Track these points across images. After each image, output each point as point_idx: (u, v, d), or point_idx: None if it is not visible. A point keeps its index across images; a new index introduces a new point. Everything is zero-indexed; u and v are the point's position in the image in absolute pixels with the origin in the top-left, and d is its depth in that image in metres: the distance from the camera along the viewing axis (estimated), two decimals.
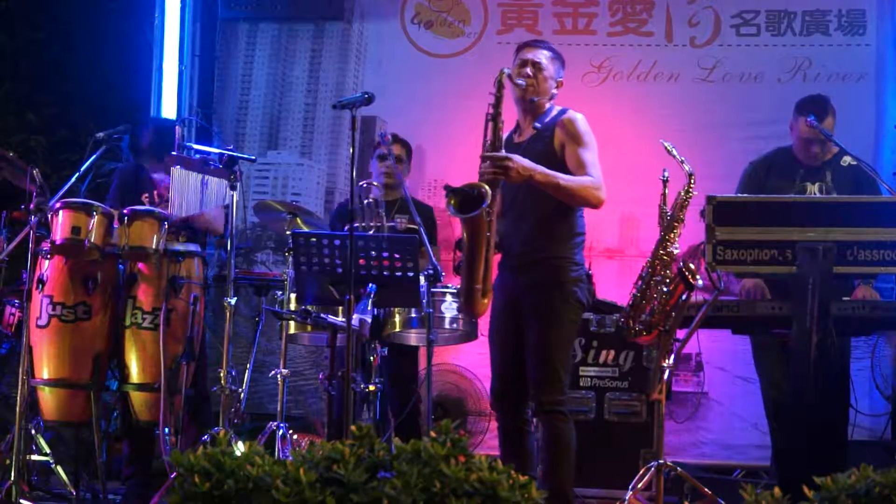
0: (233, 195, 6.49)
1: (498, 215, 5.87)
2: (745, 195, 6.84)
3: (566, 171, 5.77)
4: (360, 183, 6.96)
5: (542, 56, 5.99)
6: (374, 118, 8.89)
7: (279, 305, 6.78)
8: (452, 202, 5.60)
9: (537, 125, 5.94)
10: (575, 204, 5.82)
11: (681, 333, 5.91)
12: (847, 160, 6.93)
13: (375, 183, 7.04)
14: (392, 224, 6.80)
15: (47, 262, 6.58)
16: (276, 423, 6.60)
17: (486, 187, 5.56)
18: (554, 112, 5.97)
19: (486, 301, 5.76)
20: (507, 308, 5.94)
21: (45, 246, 6.54)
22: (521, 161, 5.65)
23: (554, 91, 6.02)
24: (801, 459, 6.00)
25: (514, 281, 5.92)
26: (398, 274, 5.88)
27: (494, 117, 5.72)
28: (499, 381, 5.98)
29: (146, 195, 7.25)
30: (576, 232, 5.89)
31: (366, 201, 6.82)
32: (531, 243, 5.86)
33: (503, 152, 5.67)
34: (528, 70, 5.93)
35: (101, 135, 7.07)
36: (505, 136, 5.91)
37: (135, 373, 6.66)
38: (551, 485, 5.61)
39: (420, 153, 8.48)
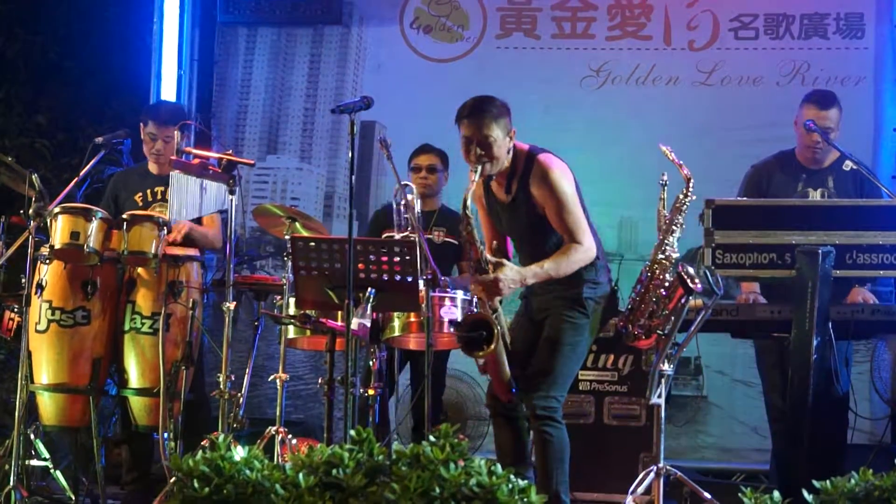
0: (232, 199, 6.48)
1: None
2: (743, 199, 6.84)
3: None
4: (396, 186, 6.98)
5: (485, 127, 5.78)
6: (374, 123, 8.89)
7: (278, 310, 6.77)
8: (462, 347, 5.79)
9: (513, 185, 5.90)
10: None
11: (681, 337, 5.91)
12: (849, 164, 6.92)
13: (411, 184, 6.99)
14: (428, 237, 6.78)
15: (46, 267, 6.58)
16: (275, 428, 6.59)
17: (492, 322, 5.67)
18: (520, 164, 5.88)
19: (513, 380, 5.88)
20: (528, 321, 6.01)
21: (45, 251, 6.54)
22: (510, 276, 5.68)
23: (510, 145, 5.86)
24: (801, 463, 6.00)
25: (537, 297, 5.99)
26: (397, 278, 5.87)
27: (471, 243, 5.75)
28: None
29: (139, 194, 7.26)
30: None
31: (402, 204, 6.81)
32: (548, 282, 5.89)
33: (490, 261, 5.71)
34: (478, 150, 5.78)
35: (100, 139, 7.08)
36: (481, 184, 5.98)
37: (134, 377, 6.67)
38: (547, 491, 5.61)
39: None
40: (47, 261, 6.57)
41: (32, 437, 6.53)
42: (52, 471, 6.56)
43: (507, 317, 6.07)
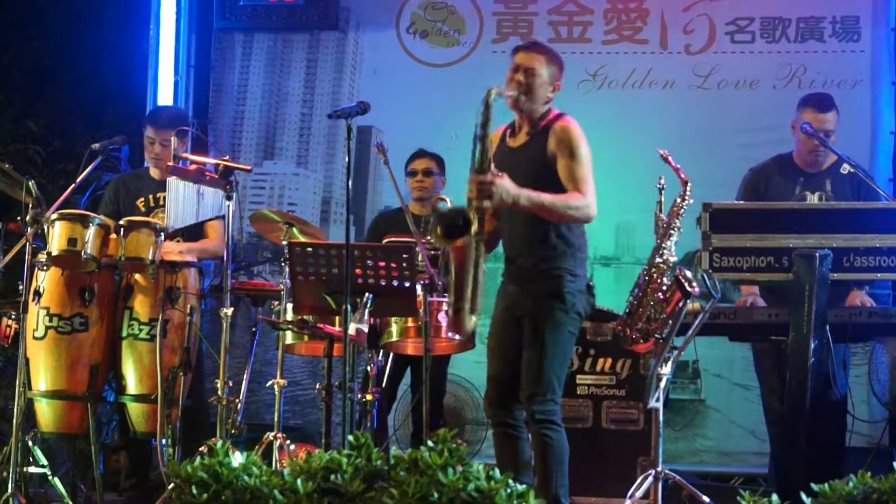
0: (229, 205, 6.49)
1: (499, 220, 5.87)
2: (740, 202, 6.85)
3: (557, 179, 5.70)
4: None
5: (537, 61, 5.81)
6: (370, 128, 8.89)
7: (276, 315, 6.77)
8: (437, 229, 5.49)
9: (531, 131, 5.83)
10: (564, 222, 5.72)
11: (678, 341, 5.91)
12: (846, 168, 6.93)
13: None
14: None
15: (44, 273, 6.58)
16: (273, 434, 6.59)
17: (472, 214, 5.44)
18: (549, 117, 5.83)
19: (474, 319, 5.63)
20: (508, 316, 5.88)
21: (42, 258, 6.54)
22: (506, 186, 5.50)
23: (550, 95, 5.85)
24: (799, 466, 6.00)
25: (515, 290, 5.86)
26: (394, 283, 5.88)
27: (482, 138, 5.54)
28: (494, 386, 5.93)
29: (141, 199, 7.26)
30: (573, 244, 5.78)
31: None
32: (530, 255, 5.79)
33: (492, 171, 5.52)
34: (520, 77, 5.78)
35: (97, 146, 7.08)
36: (501, 133, 5.88)
37: (132, 384, 6.67)
38: (546, 495, 5.59)
39: None
40: (45, 267, 6.57)
41: (30, 443, 6.51)
42: (50, 478, 6.54)
43: (486, 320, 6.04)
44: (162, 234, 6.64)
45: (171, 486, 4.20)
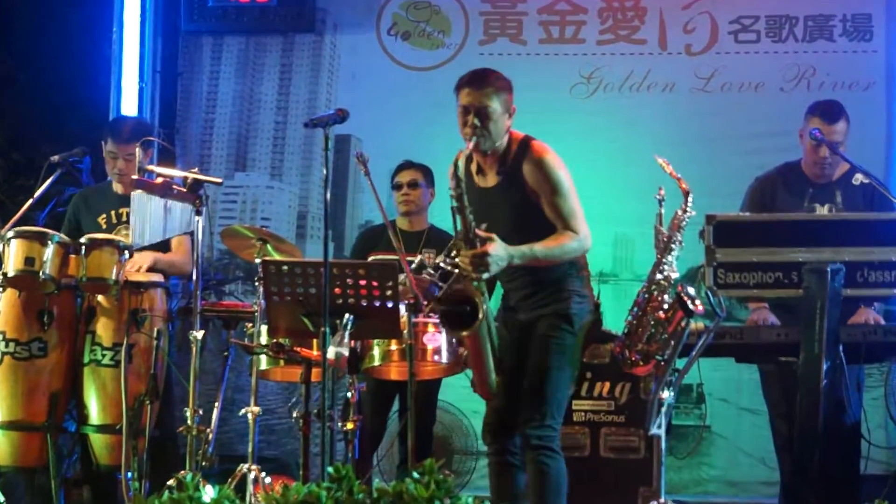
0: (198, 221, 6.46)
1: None
2: (747, 214, 6.84)
3: (538, 216, 5.72)
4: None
5: (485, 96, 5.77)
6: (349, 136, 8.89)
7: (249, 339, 6.75)
8: (445, 324, 5.66)
9: (501, 170, 5.82)
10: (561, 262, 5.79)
11: (681, 363, 5.90)
12: (859, 178, 6.92)
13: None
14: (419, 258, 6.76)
15: None
16: (247, 465, 6.57)
17: (477, 298, 5.52)
18: (514, 147, 5.83)
19: (499, 379, 5.74)
20: (513, 340, 5.88)
21: None
22: (499, 253, 5.54)
23: (508, 123, 5.84)
24: (812, 496, 6.00)
25: (520, 316, 5.88)
26: (377, 303, 5.86)
27: (460, 210, 5.58)
28: (493, 412, 5.93)
29: (103, 216, 7.24)
30: (577, 263, 5.83)
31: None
32: (529, 289, 5.82)
33: (480, 235, 5.55)
34: (474, 120, 5.73)
35: (56, 158, 7.07)
36: (464, 165, 5.75)
37: (94, 413, 6.66)
38: None
39: None
40: (0, 289, 6.55)
41: None
42: None
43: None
44: (126, 252, 6.62)
45: None
